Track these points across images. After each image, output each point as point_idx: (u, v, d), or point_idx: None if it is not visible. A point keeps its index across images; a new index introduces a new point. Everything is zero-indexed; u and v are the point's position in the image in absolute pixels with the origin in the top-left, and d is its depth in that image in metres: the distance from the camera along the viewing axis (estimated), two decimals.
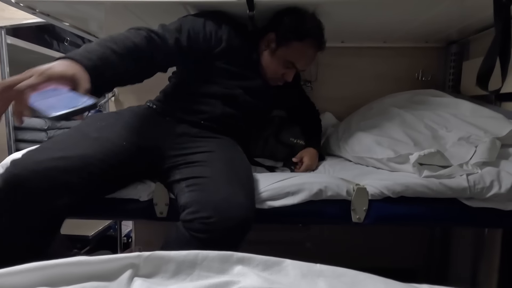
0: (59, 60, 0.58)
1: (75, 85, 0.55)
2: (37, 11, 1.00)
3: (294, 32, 0.88)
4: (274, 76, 0.95)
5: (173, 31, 0.80)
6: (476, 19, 1.02)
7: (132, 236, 1.56)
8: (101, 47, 0.65)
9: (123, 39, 0.69)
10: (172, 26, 0.82)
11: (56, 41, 1.79)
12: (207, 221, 0.64)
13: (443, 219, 0.82)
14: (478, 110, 0.95)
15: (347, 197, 0.79)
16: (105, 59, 0.63)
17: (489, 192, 0.74)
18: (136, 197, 0.80)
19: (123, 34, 0.72)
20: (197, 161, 0.78)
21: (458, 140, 0.84)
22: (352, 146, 1.00)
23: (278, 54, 0.91)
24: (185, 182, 0.74)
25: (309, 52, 0.93)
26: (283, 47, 0.89)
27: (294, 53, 0.90)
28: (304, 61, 0.94)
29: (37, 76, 0.52)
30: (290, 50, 0.90)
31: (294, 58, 0.91)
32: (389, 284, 0.38)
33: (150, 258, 0.37)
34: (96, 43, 0.67)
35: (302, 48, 0.90)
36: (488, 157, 0.77)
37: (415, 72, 1.35)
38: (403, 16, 1.00)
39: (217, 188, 0.69)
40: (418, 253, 1.43)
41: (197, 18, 0.87)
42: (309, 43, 0.90)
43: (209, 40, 0.85)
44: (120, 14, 1.02)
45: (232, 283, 0.35)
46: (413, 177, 0.79)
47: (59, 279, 0.34)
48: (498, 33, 0.80)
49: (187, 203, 0.68)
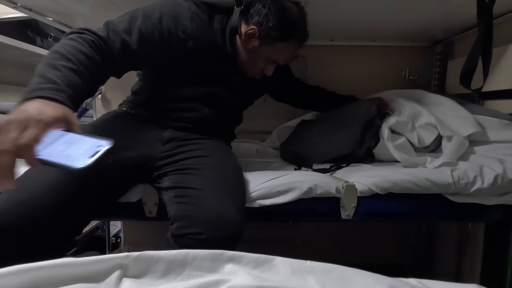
0: (31, 102, 0.50)
1: (66, 125, 0.51)
2: (19, 5, 0.97)
3: (280, 33, 0.81)
4: (253, 70, 0.88)
5: (120, 33, 0.70)
6: (460, 20, 1.05)
7: (121, 236, 1.53)
8: (59, 71, 0.57)
9: (74, 53, 0.61)
10: (120, 26, 0.71)
11: (39, 36, 1.74)
12: (198, 237, 0.63)
13: (429, 214, 0.85)
14: (455, 109, 0.98)
15: (336, 195, 0.80)
16: (71, 83, 0.57)
17: (472, 187, 0.77)
18: (126, 200, 0.79)
19: (70, 44, 0.63)
20: (187, 168, 0.75)
21: (425, 124, 0.92)
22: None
23: (260, 52, 0.83)
24: (173, 192, 0.71)
25: (292, 50, 0.88)
26: (266, 46, 0.82)
27: (277, 53, 0.84)
28: (286, 58, 0.89)
29: (35, 126, 0.47)
30: (273, 50, 0.83)
31: (277, 57, 0.85)
32: (378, 279, 0.38)
33: (139, 258, 0.37)
34: (49, 65, 0.58)
35: (286, 47, 0.85)
36: (454, 157, 0.83)
37: (402, 71, 1.37)
38: (391, 15, 1.01)
39: (208, 202, 0.67)
40: (405, 248, 1.46)
41: (151, 11, 0.74)
42: (293, 42, 0.85)
43: (167, 39, 0.75)
44: (106, 9, 0.99)
45: (222, 282, 0.35)
46: (401, 173, 0.81)
47: (45, 281, 0.33)
48: (481, 33, 0.82)
49: (176, 216, 0.67)
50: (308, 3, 0.90)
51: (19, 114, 0.48)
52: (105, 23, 0.71)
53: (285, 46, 0.84)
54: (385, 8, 0.95)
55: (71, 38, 0.65)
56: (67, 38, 0.66)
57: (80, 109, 1.27)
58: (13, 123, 0.47)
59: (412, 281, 0.40)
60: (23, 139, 0.46)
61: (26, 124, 0.47)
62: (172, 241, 0.65)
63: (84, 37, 0.65)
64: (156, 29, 0.73)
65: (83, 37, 0.65)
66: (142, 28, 0.72)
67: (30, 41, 1.64)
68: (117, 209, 0.81)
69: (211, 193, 0.69)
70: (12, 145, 0.45)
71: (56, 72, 0.57)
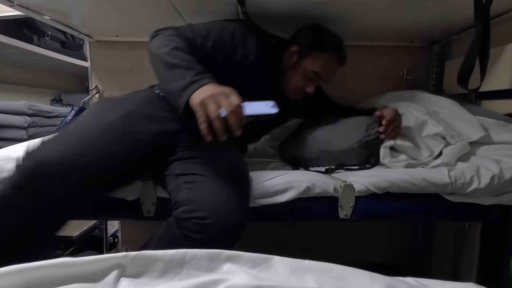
0: (205, 88, 0.66)
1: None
2: (15, 4, 0.96)
3: (316, 44, 0.91)
4: (295, 89, 0.94)
5: (200, 37, 0.82)
6: (457, 20, 1.05)
7: (118, 236, 1.53)
8: (196, 62, 0.72)
9: (186, 48, 0.75)
10: (199, 33, 0.82)
11: (36, 35, 1.72)
12: (202, 221, 0.63)
13: (427, 214, 0.85)
14: (459, 112, 0.98)
15: (334, 194, 0.80)
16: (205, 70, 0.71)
17: (469, 187, 0.77)
18: (123, 197, 0.79)
19: (180, 42, 0.75)
20: (201, 157, 0.77)
21: (433, 134, 0.91)
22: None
23: (300, 66, 0.92)
24: (183, 178, 0.73)
25: (330, 63, 0.94)
26: (305, 59, 0.91)
27: (316, 64, 0.91)
28: (326, 71, 0.94)
29: (229, 95, 0.64)
30: (312, 61, 0.91)
31: (316, 68, 0.91)
32: (375, 278, 0.38)
33: (137, 258, 0.37)
34: (184, 59, 0.71)
35: (323, 59, 0.92)
36: (453, 159, 0.83)
37: (400, 71, 1.38)
38: (389, 15, 1.02)
39: (216, 189, 0.68)
40: (402, 247, 1.47)
41: (225, 26, 0.87)
42: (330, 55, 0.92)
43: (233, 51, 0.85)
44: (103, 8, 0.99)
45: (221, 281, 0.35)
46: (398, 173, 0.81)
47: (42, 281, 0.33)
48: (478, 34, 0.82)
49: (183, 200, 0.67)
50: (304, 3, 0.90)
51: (205, 95, 0.64)
52: (188, 26, 0.83)
53: (322, 57, 0.92)
54: (383, 8, 0.95)
55: (173, 38, 0.76)
56: (164, 36, 0.77)
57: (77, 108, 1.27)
58: (207, 100, 0.63)
59: (410, 280, 0.40)
60: (235, 102, 0.63)
61: (217, 98, 0.63)
62: (173, 225, 0.66)
63: (181, 39, 0.78)
64: (227, 41, 0.85)
65: (180, 39, 0.77)
66: (217, 38, 0.84)
67: (27, 39, 1.63)
68: (114, 209, 0.80)
69: (220, 181, 0.71)
70: (228, 108, 0.62)
71: (196, 65, 0.71)
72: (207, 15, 0.96)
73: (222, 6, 0.95)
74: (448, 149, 0.87)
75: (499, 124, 0.91)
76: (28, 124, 1.59)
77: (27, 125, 1.59)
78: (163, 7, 0.95)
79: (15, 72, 1.87)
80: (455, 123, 0.94)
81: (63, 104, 2.24)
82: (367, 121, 0.96)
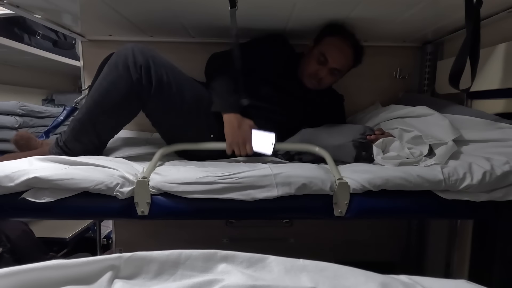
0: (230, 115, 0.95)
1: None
2: (5, 2, 0.94)
3: (327, 30, 1.05)
4: (309, 73, 1.06)
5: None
6: (449, 21, 1.06)
7: (112, 237, 1.51)
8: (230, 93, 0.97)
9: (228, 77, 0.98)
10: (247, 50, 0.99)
11: (27, 34, 1.69)
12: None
13: (420, 211, 0.86)
14: (438, 118, 0.98)
15: (329, 192, 0.80)
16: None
17: (462, 183, 0.78)
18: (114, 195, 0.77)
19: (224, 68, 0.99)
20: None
21: (412, 138, 0.95)
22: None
23: (313, 52, 1.05)
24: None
25: (340, 45, 1.03)
26: (318, 45, 1.05)
27: (325, 46, 1.03)
28: (335, 54, 1.03)
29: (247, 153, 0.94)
30: (322, 45, 1.04)
31: (325, 50, 1.03)
32: (370, 276, 0.39)
33: (131, 259, 0.37)
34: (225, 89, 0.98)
35: (333, 41, 1.03)
36: (444, 159, 0.86)
37: (393, 71, 1.39)
38: (383, 16, 1.03)
39: None
40: (396, 246, 1.49)
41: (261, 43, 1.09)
42: (340, 38, 1.03)
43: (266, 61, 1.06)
44: (95, 7, 0.98)
45: (216, 282, 0.35)
46: (393, 170, 0.82)
47: (35, 284, 0.32)
48: (469, 34, 0.83)
49: None
50: (297, 3, 0.90)
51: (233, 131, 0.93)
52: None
53: (332, 39, 1.04)
54: (376, 9, 0.96)
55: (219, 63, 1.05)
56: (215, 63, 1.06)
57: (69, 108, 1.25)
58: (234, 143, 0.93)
59: (403, 277, 0.40)
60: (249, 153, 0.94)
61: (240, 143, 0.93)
62: None
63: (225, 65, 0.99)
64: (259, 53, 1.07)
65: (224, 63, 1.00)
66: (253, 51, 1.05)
67: (17, 38, 1.60)
68: (108, 208, 0.79)
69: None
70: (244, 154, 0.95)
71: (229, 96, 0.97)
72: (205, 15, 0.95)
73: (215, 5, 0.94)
74: (441, 149, 0.88)
75: (486, 123, 0.93)
76: (19, 124, 1.56)
77: (18, 126, 1.56)
78: (157, 5, 0.95)
79: (6, 72, 1.84)
80: (430, 128, 0.96)
81: (55, 104, 2.20)
82: (365, 128, 1.01)
